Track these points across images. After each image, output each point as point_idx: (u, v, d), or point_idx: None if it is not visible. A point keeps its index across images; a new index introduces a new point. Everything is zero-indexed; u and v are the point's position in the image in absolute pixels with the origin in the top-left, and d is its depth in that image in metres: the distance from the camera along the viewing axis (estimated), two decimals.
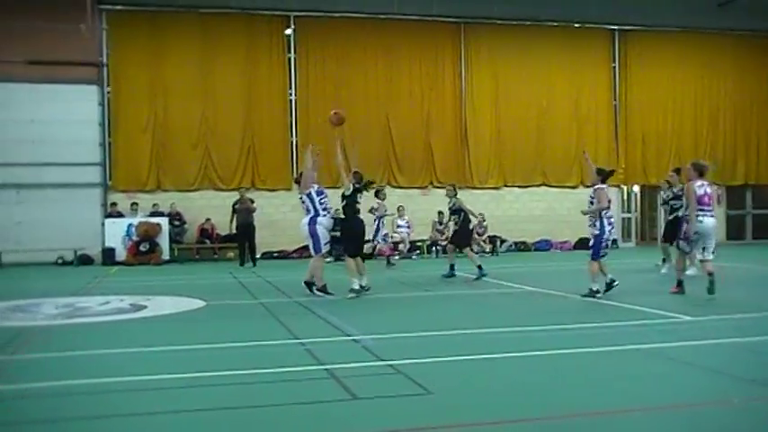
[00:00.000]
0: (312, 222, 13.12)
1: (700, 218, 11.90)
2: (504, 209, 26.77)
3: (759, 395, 6.09)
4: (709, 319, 9.97)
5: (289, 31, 25.27)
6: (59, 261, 22.92)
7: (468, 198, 25.97)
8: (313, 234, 13.04)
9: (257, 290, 14.85)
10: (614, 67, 28.28)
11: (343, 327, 9.73)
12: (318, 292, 13.12)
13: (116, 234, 22.90)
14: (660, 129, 28.48)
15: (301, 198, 13.51)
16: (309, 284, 13.31)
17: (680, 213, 15.29)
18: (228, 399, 6.29)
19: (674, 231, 15.29)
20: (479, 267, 16.03)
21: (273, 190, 24.92)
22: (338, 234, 14.69)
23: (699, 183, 12.24)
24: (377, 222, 20.71)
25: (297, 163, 25.12)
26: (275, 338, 9.04)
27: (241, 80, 25.02)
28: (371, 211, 20.12)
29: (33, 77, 22.51)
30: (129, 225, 22.94)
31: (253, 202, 21.93)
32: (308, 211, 13.27)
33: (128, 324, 10.72)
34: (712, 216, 12.16)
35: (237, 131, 24.98)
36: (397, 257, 23.24)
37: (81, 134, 23.55)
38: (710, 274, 11.68)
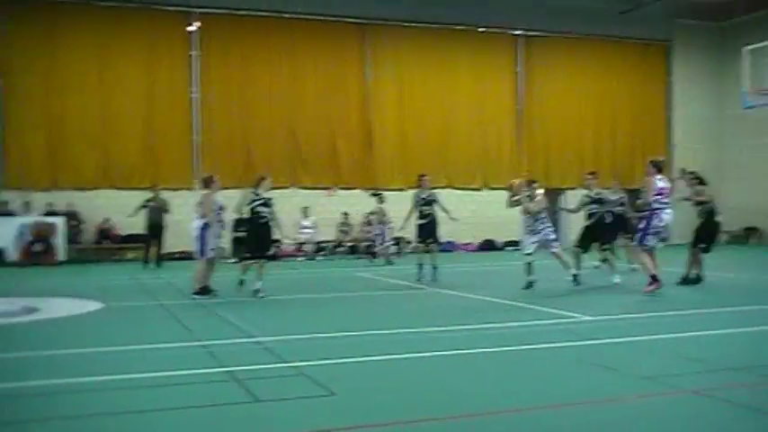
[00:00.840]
0: (205, 227, 13.17)
1: (666, 211, 12.38)
2: (408, 210, 26.78)
3: (652, 391, 6.21)
4: (606, 318, 10.18)
5: (192, 28, 24.74)
6: None
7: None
8: (202, 237, 13.12)
9: (158, 291, 14.51)
10: (518, 72, 28.73)
11: (246, 328, 9.57)
12: (196, 295, 13.03)
13: (7, 234, 21.98)
14: (562, 133, 29.09)
15: (202, 203, 13.40)
16: (204, 289, 13.21)
17: (606, 218, 15.52)
18: (124, 403, 6.06)
19: (592, 236, 15.37)
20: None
21: (175, 189, 24.29)
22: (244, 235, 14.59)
23: (658, 177, 12.64)
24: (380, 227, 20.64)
25: (199, 162, 24.69)
26: (175, 340, 8.82)
27: (142, 77, 24.37)
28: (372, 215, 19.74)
29: None
30: (22, 224, 22.08)
31: (167, 205, 21.08)
32: (203, 216, 13.26)
33: (17, 327, 10.27)
34: (670, 209, 12.65)
35: (138, 129, 24.33)
36: (301, 259, 23.08)
37: None
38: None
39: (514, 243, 27.48)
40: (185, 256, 23.27)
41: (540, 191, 14.32)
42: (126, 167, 24.09)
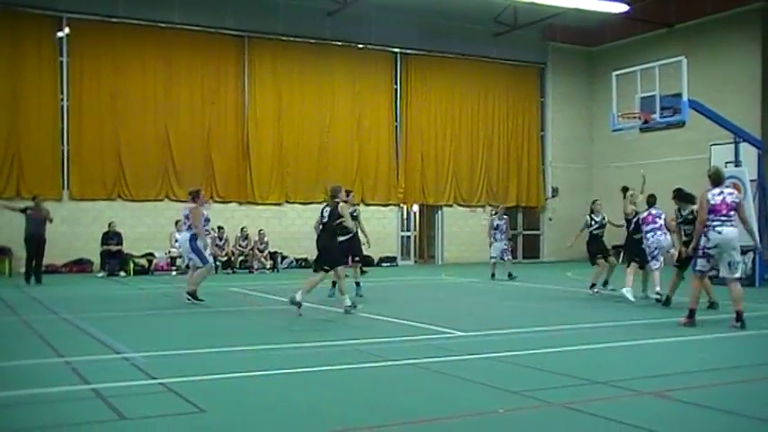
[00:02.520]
0: (193, 239, 14.00)
1: (717, 228, 10.70)
2: (285, 225, 26.68)
3: (522, 405, 6.34)
4: (480, 334, 10.33)
5: (61, 34, 23.86)
6: None
7: (249, 214, 25.87)
8: (195, 249, 14.01)
9: (20, 306, 13.84)
10: (396, 89, 29.06)
11: (114, 344, 9.25)
12: (190, 297, 13.86)
13: None
14: (438, 150, 29.55)
15: (187, 216, 14.24)
16: (193, 294, 13.98)
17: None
18: None
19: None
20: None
21: (45, 200, 23.35)
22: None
23: (716, 191, 10.90)
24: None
25: (68, 172, 23.82)
26: (37, 357, 8.43)
27: (5, 82, 23.17)
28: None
29: None
30: None
31: (50, 216, 19.52)
32: (189, 228, 14.14)
33: None
34: (732, 225, 10.77)
35: (1, 136, 23.21)
36: (174, 273, 22.55)
37: None
38: (739, 313, 10.68)
39: (391, 259, 27.77)
40: (51, 269, 22.42)
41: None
42: None
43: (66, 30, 23.86)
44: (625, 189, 15.62)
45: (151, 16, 24.74)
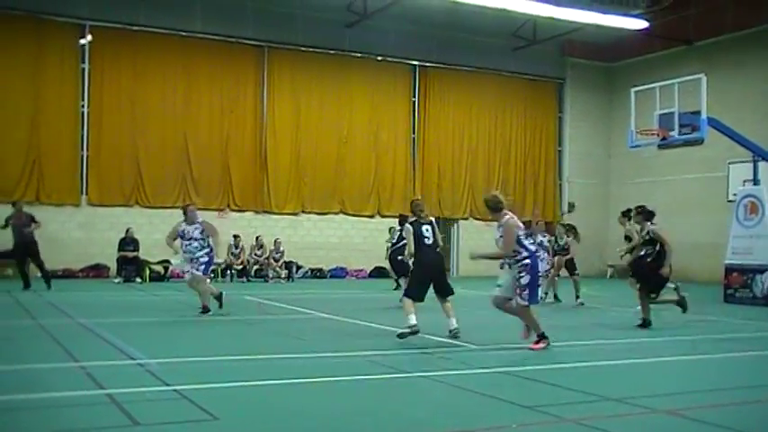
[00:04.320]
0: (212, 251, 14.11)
1: None
2: (301, 235, 26.76)
3: (535, 420, 6.33)
4: (493, 348, 10.32)
5: (84, 41, 24.11)
6: None
7: (265, 223, 25.97)
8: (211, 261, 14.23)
9: (37, 310, 13.94)
10: (414, 101, 29.13)
11: (129, 350, 9.30)
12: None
13: None
14: (455, 163, 29.59)
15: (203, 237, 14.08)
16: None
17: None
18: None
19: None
20: None
21: (60, 205, 23.59)
22: None
23: None
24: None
25: (87, 178, 24.02)
26: (52, 361, 8.49)
27: (27, 87, 23.46)
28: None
29: None
30: None
31: (34, 219, 19.18)
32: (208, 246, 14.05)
33: None
34: None
35: (22, 141, 23.42)
36: None
37: None
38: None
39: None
40: (68, 274, 22.59)
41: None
42: (7, 180, 23.07)
43: (89, 37, 24.10)
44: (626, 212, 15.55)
45: (172, 25, 24.94)
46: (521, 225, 9.79)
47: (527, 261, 9.69)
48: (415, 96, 29.16)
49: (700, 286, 21.25)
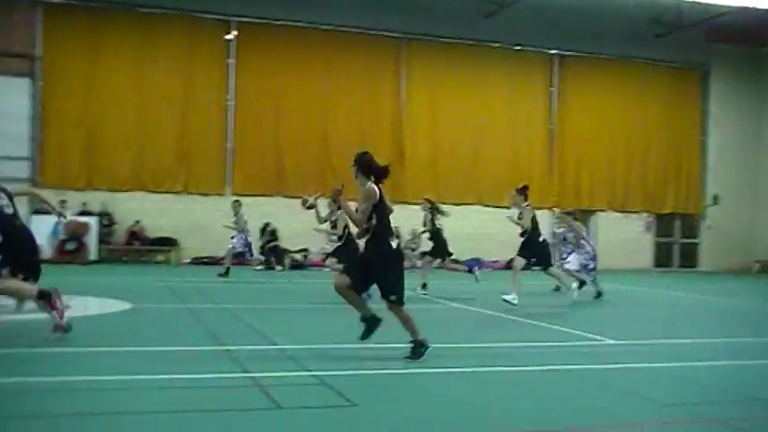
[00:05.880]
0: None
1: None
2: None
3: (673, 418, 6.21)
4: (632, 343, 10.13)
5: (230, 36, 25.05)
6: None
7: (403, 214, 26.16)
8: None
9: (186, 295, 14.64)
10: (552, 91, 28.73)
11: (270, 335, 9.64)
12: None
13: (42, 232, 22.27)
14: (594, 154, 29.00)
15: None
16: None
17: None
18: (149, 403, 6.15)
19: None
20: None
21: (206, 194, 24.64)
22: None
23: None
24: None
25: (232, 169, 24.96)
26: (200, 344, 8.91)
27: (179, 83, 24.71)
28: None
29: None
30: (57, 223, 22.39)
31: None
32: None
33: (47, 323, 10.42)
34: None
35: (173, 134, 24.64)
36: (327, 269, 23.11)
37: (10, 127, 22.94)
38: None
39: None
40: (213, 261, 23.55)
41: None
42: (159, 171, 24.39)
43: (234, 32, 25.00)
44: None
45: (313, 19, 25.53)
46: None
47: None
48: (553, 86, 28.74)
49: None
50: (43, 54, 23.46)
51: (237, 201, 19.98)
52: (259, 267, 22.83)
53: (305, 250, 24.53)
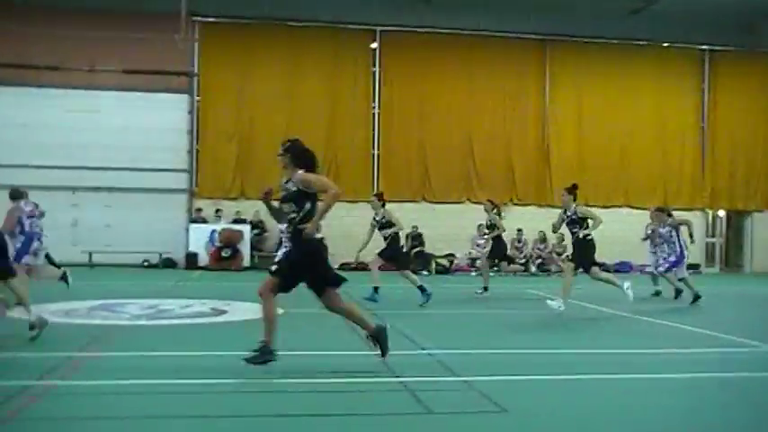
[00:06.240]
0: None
1: None
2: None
3: None
4: None
5: (374, 45, 25.55)
6: (145, 263, 23.58)
7: (547, 215, 25.87)
8: None
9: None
10: (703, 89, 27.72)
11: (418, 340, 9.76)
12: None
13: (200, 239, 23.46)
14: (749, 152, 27.77)
15: None
16: None
17: None
18: (299, 406, 6.36)
19: None
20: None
21: (354, 202, 25.12)
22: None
23: None
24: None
25: (378, 176, 25.39)
26: (350, 348, 9.12)
27: (325, 93, 25.42)
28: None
29: (127, 86, 23.49)
30: (213, 231, 23.47)
31: None
32: None
33: (207, 328, 10.99)
34: None
35: (320, 143, 25.19)
36: (474, 274, 23.21)
37: (170, 141, 24.30)
38: None
39: (694, 266, 26.43)
40: (362, 267, 23.94)
41: None
42: None
43: (378, 42, 25.46)
44: None
45: (455, 25, 25.65)
46: None
47: None
48: (704, 83, 27.70)
49: None
50: (200, 70, 24.64)
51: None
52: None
53: (451, 255, 24.66)
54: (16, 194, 12.73)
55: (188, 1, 19.07)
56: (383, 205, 14.78)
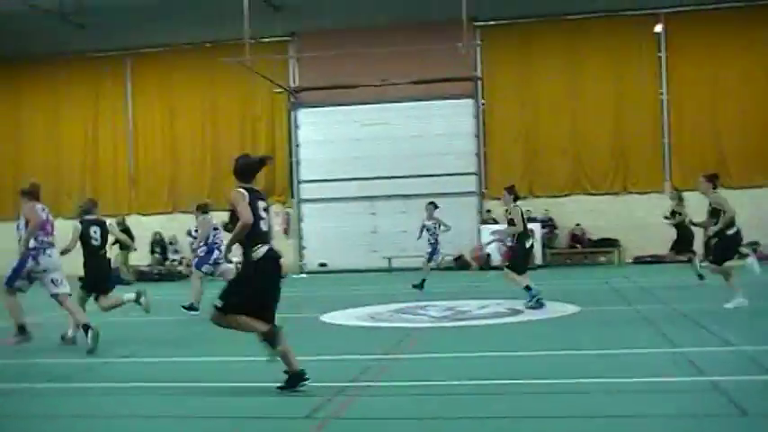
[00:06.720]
0: None
1: None
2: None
3: None
4: None
5: (658, 29, 24.49)
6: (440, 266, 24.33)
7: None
8: None
9: (632, 296, 14.64)
10: None
11: (727, 337, 9.22)
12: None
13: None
14: None
15: None
16: None
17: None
18: (599, 407, 6.29)
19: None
20: None
21: (644, 193, 24.34)
22: None
23: None
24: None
25: (670, 164, 24.34)
26: (652, 347, 8.90)
27: (608, 83, 24.74)
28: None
29: (414, 96, 24.61)
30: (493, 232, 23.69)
31: None
32: None
33: (506, 328, 11.18)
34: None
35: (606, 135, 24.80)
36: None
37: (458, 146, 24.97)
38: None
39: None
40: (657, 260, 23.06)
41: None
42: (596, 173, 24.73)
43: (661, 25, 24.40)
44: None
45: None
46: None
47: None
48: None
49: None
50: (483, 75, 25.12)
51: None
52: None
53: (755, 243, 22.91)
54: (206, 209, 14.33)
55: (468, 7, 19.42)
56: (514, 200, 13.91)
